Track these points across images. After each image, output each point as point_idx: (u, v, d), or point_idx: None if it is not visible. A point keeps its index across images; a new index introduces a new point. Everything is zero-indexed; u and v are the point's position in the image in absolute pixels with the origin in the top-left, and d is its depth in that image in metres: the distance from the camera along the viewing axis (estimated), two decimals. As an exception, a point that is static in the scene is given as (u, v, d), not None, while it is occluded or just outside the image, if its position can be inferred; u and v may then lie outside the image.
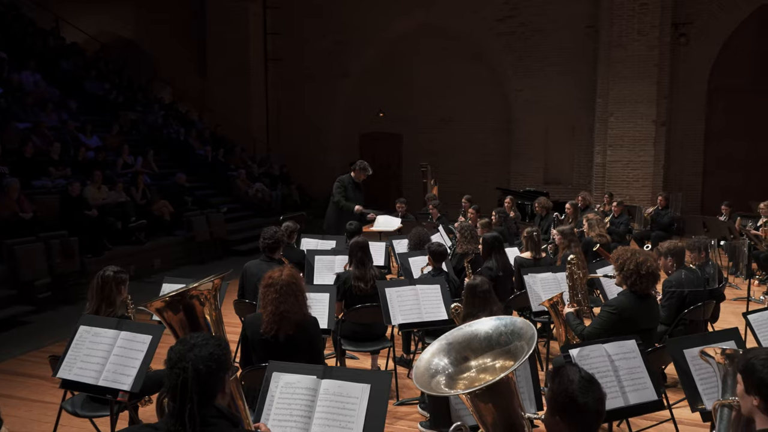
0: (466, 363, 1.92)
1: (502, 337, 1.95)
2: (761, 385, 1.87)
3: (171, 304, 2.03)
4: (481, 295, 3.49)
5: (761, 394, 1.87)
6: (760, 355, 1.91)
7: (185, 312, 2.05)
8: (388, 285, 4.30)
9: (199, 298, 2.12)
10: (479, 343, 1.98)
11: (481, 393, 1.82)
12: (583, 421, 1.79)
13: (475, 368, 1.93)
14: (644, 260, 3.57)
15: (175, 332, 2.09)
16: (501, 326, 1.99)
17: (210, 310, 2.13)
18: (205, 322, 2.12)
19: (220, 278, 2.37)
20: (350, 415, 2.36)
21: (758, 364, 1.88)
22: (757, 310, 3.75)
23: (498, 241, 5.02)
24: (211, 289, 2.21)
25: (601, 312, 3.67)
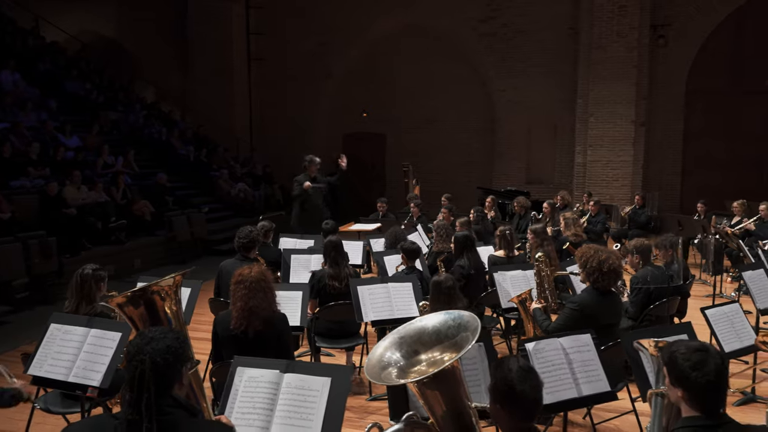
0: (416, 356, 2.00)
1: (450, 330, 2.03)
2: (681, 377, 1.96)
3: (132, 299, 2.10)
4: (446, 292, 3.58)
5: (682, 386, 1.97)
6: (681, 348, 2.00)
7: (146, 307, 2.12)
8: (360, 283, 4.38)
9: (160, 293, 2.19)
10: (429, 336, 2.06)
11: (429, 382, 1.90)
12: (521, 407, 1.88)
13: (425, 361, 2.01)
14: (606, 258, 3.68)
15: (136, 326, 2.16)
16: (449, 320, 2.07)
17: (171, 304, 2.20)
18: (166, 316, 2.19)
19: (181, 275, 2.44)
20: (311, 408, 2.43)
21: (680, 358, 1.98)
22: (715, 306, 3.88)
23: (469, 240, 5.11)
24: (171, 285, 2.28)
25: (565, 309, 3.78)
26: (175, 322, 2.23)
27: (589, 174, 13.30)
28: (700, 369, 1.93)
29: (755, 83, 12.95)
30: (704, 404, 1.95)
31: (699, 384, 1.92)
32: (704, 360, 1.94)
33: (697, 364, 1.94)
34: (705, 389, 1.93)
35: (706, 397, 1.94)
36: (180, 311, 2.33)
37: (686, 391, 1.97)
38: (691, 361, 1.95)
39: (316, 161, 7.69)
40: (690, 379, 1.94)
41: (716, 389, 1.94)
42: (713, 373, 1.92)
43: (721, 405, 1.97)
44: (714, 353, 1.98)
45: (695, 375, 1.93)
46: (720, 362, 1.96)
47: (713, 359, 1.95)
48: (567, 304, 3.77)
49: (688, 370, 1.95)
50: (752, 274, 4.52)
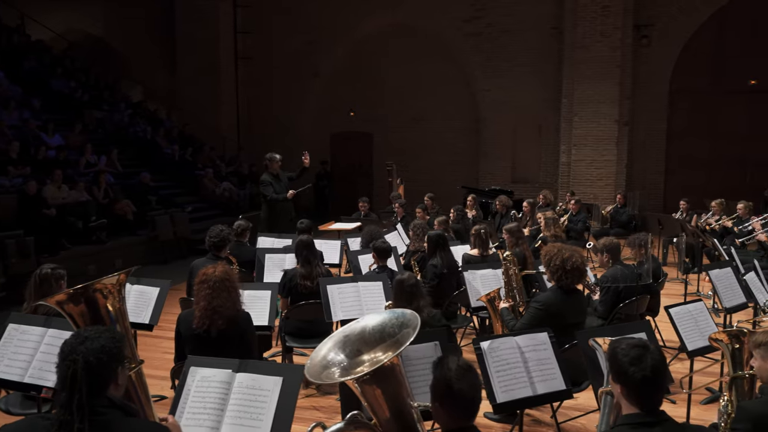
0: (359, 356, 2.01)
1: (393, 328, 2.05)
2: (620, 373, 1.99)
3: (73, 297, 2.10)
4: (408, 290, 3.60)
5: (620, 382, 1.99)
6: (622, 344, 2.03)
7: (87, 305, 2.12)
8: (329, 282, 4.39)
9: (102, 291, 2.19)
10: (371, 336, 2.07)
11: (369, 380, 1.91)
12: (459, 406, 1.90)
13: (367, 361, 2.02)
14: (569, 256, 3.70)
15: (76, 324, 2.16)
16: (393, 318, 2.09)
17: (114, 302, 2.20)
18: (108, 315, 2.19)
19: (125, 273, 2.44)
20: (261, 408, 2.44)
21: (619, 354, 2.00)
22: (679, 304, 3.91)
23: (442, 239, 5.13)
24: (115, 283, 2.28)
25: (530, 308, 3.80)
26: (119, 320, 2.23)
27: (573, 173, 13.38)
28: (637, 364, 1.95)
29: (738, 83, 13.06)
30: (641, 400, 1.97)
31: (635, 379, 1.95)
32: (642, 356, 1.97)
33: (635, 359, 1.96)
34: (641, 384, 1.95)
35: (642, 393, 1.97)
36: (124, 309, 2.33)
37: (624, 386, 1.99)
38: (629, 356, 1.98)
39: (276, 158, 7.75)
40: (627, 374, 1.97)
41: (652, 385, 1.96)
42: (649, 369, 1.95)
43: (658, 402, 2.00)
44: (653, 350, 2.00)
45: (632, 370, 1.96)
46: (658, 359, 1.98)
47: (651, 355, 1.98)
48: (531, 303, 3.80)
49: (626, 365, 1.97)
50: (719, 273, 4.56)
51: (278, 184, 7.77)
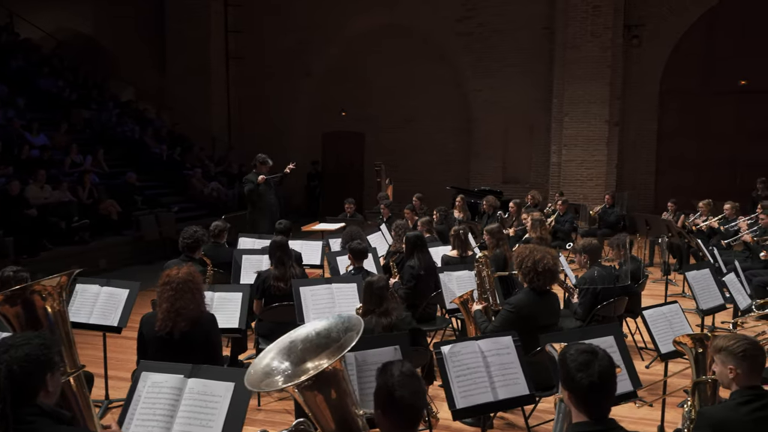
0: (304, 364, 1.96)
1: (338, 333, 2.00)
2: (567, 378, 1.94)
3: (10, 298, 2.04)
4: (377, 292, 3.55)
5: (568, 388, 1.95)
6: (571, 349, 1.98)
7: (23, 306, 2.06)
8: (302, 284, 4.33)
9: (41, 293, 2.13)
10: (317, 341, 2.01)
11: (310, 386, 1.86)
12: (400, 413, 1.85)
13: (312, 369, 1.96)
14: (541, 258, 3.65)
15: (12, 327, 2.10)
16: (339, 323, 2.03)
17: (53, 305, 2.14)
18: (47, 317, 2.13)
19: (66, 275, 2.38)
20: (212, 414, 2.39)
21: (568, 359, 1.95)
22: (653, 306, 3.87)
23: (420, 240, 5.08)
24: (56, 285, 2.22)
25: (502, 310, 3.75)
26: (59, 324, 2.17)
27: (563, 173, 13.34)
28: (584, 370, 1.91)
29: (728, 83, 13.03)
30: (588, 407, 1.93)
31: (582, 385, 1.90)
32: (589, 362, 1.92)
33: (582, 365, 1.92)
34: (587, 391, 1.91)
35: (589, 399, 1.92)
36: (64, 312, 2.27)
37: (571, 393, 1.95)
38: (576, 362, 1.93)
39: (268, 162, 7.68)
40: (574, 380, 1.92)
41: (599, 391, 1.92)
42: (597, 375, 1.90)
43: (606, 409, 1.95)
44: (602, 356, 1.96)
45: (579, 376, 1.91)
46: (607, 365, 1.94)
47: (599, 362, 1.93)
48: (504, 305, 3.75)
49: (573, 371, 1.93)
50: (696, 274, 4.52)
51: (263, 185, 7.74)
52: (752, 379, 2.32)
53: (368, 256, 4.91)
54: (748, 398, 2.29)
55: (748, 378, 2.31)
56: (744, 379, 2.31)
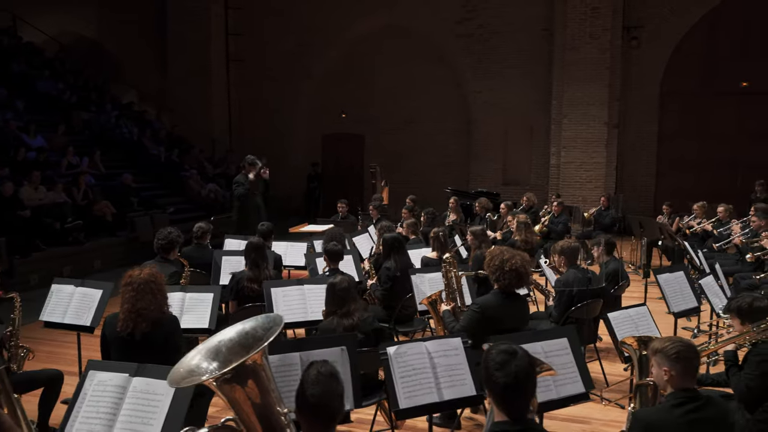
0: (230, 365, 1.97)
1: (263, 331, 2.01)
2: (486, 377, 1.96)
3: None
4: (339, 293, 3.56)
5: (487, 387, 1.96)
6: (493, 349, 1.98)
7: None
8: (274, 284, 4.35)
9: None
10: (243, 341, 2.02)
11: (230, 380, 1.87)
12: (310, 411, 1.88)
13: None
14: (509, 258, 3.65)
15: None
16: (265, 322, 2.05)
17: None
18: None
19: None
20: (153, 412, 2.41)
21: (489, 359, 1.96)
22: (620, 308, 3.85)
23: (397, 242, 5.09)
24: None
25: (467, 310, 3.75)
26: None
27: (562, 175, 13.29)
28: (501, 370, 1.91)
29: (729, 85, 12.92)
30: (506, 406, 1.93)
31: (498, 385, 1.91)
32: (507, 362, 1.92)
33: (499, 365, 1.93)
34: (503, 390, 1.91)
35: (505, 399, 1.93)
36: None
37: (490, 392, 1.95)
38: (494, 362, 1.94)
39: (257, 163, 7.73)
40: (491, 380, 1.93)
41: (515, 391, 1.92)
42: (512, 376, 1.90)
43: (523, 408, 1.95)
44: (521, 356, 1.96)
45: (496, 376, 1.92)
46: (524, 366, 1.94)
47: (517, 362, 1.93)
48: (470, 306, 3.75)
49: (491, 371, 1.94)
50: (668, 277, 4.48)
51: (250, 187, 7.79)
52: (686, 381, 2.31)
53: (344, 257, 4.92)
54: (681, 400, 2.28)
55: (682, 380, 2.31)
56: (678, 381, 2.30)
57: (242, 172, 7.95)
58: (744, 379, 3.00)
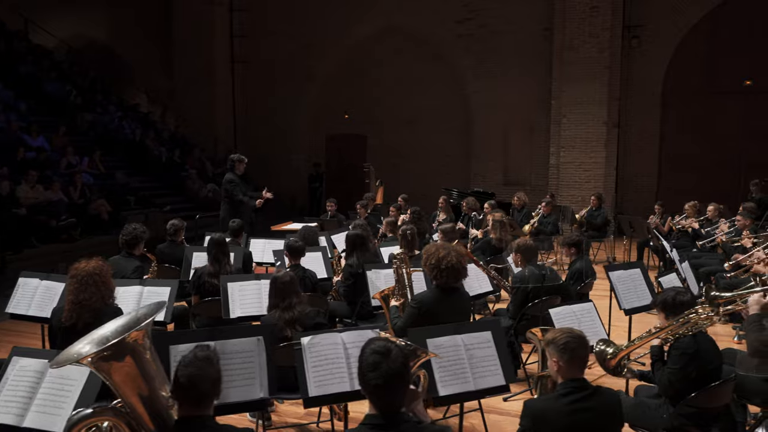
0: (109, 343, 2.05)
1: (145, 317, 2.10)
2: (359, 375, 2.06)
3: None
4: (281, 287, 3.65)
5: (360, 384, 2.06)
6: (368, 347, 2.03)
7: None
8: (231, 279, 4.45)
9: None
10: (132, 323, 2.12)
11: (110, 357, 1.95)
12: (178, 390, 1.98)
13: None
14: (445, 255, 3.69)
15: None
16: (153, 309, 2.13)
17: None
18: None
19: None
20: (65, 397, 2.52)
21: (363, 356, 2.02)
22: (562, 304, 3.87)
23: (360, 239, 5.16)
24: None
25: (408, 306, 3.81)
26: None
27: (562, 175, 13.22)
28: (374, 371, 1.96)
29: (732, 83, 12.74)
30: (377, 403, 1.99)
31: (370, 385, 1.97)
32: (378, 363, 1.97)
33: (371, 365, 1.98)
34: (374, 390, 1.97)
35: (377, 397, 1.98)
36: None
37: (363, 389, 2.01)
38: (368, 362, 1.99)
39: (244, 160, 7.86)
40: (364, 379, 1.99)
41: (385, 391, 1.97)
42: (383, 377, 1.95)
43: (394, 405, 1.99)
44: (394, 357, 1.99)
45: (368, 376, 1.97)
46: (397, 366, 1.98)
47: (388, 363, 1.97)
48: (409, 302, 3.81)
49: (364, 371, 1.99)
50: (622, 274, 4.48)
51: (244, 186, 7.91)
52: (573, 371, 2.35)
53: (305, 254, 5.00)
54: (568, 390, 2.32)
55: (570, 370, 2.34)
56: (566, 371, 2.34)
57: (231, 170, 8.03)
58: (666, 373, 3.02)
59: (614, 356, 3.18)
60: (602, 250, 10.40)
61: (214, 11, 15.54)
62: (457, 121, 15.03)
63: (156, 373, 2.06)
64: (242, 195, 7.82)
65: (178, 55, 15.79)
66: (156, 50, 16.33)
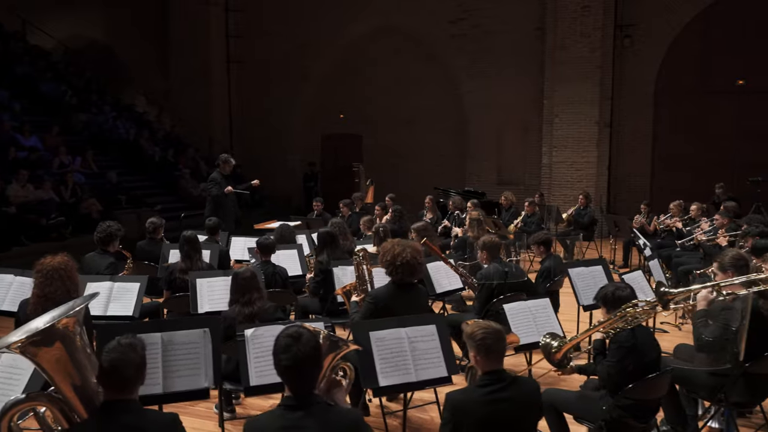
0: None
1: (79, 305, 2.20)
2: (273, 356, 2.13)
3: None
4: (241, 283, 3.74)
5: (274, 365, 2.16)
6: (284, 331, 2.14)
7: None
8: (200, 275, 4.55)
9: None
10: (66, 312, 2.21)
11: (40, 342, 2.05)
12: (101, 374, 2.07)
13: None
14: (400, 252, 3.77)
15: None
16: (86, 298, 2.23)
17: None
18: None
19: None
20: (14, 386, 2.62)
21: (277, 342, 2.15)
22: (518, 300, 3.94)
23: (330, 236, 5.26)
24: None
25: (364, 302, 3.89)
26: None
27: (554, 175, 13.27)
28: (285, 353, 2.06)
29: (725, 83, 12.75)
30: (289, 384, 2.08)
31: (280, 366, 2.06)
32: (289, 346, 2.07)
33: (283, 348, 2.07)
34: (284, 371, 2.06)
35: (286, 379, 2.07)
36: None
37: (276, 370, 2.10)
38: (280, 345, 2.08)
39: (231, 162, 7.96)
40: (275, 361, 2.08)
41: (294, 373, 2.06)
42: (291, 359, 2.05)
43: (304, 388, 2.09)
44: (305, 341, 2.08)
45: (280, 358, 2.06)
46: (307, 350, 2.07)
47: (299, 347, 2.07)
48: (366, 297, 3.89)
49: (277, 353, 2.08)
50: (582, 271, 4.55)
51: (226, 184, 8.02)
52: (491, 364, 2.43)
53: (275, 251, 5.10)
54: (486, 381, 2.41)
55: (487, 363, 2.43)
56: (484, 364, 2.43)
57: (216, 169, 8.17)
58: (605, 366, 3.09)
59: (559, 349, 3.26)
60: (591, 249, 10.44)
61: (209, 11, 15.67)
62: (451, 120, 15.09)
63: (87, 360, 2.16)
64: (218, 191, 7.97)
65: (174, 55, 15.94)
66: (153, 50, 16.48)
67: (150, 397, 2.71)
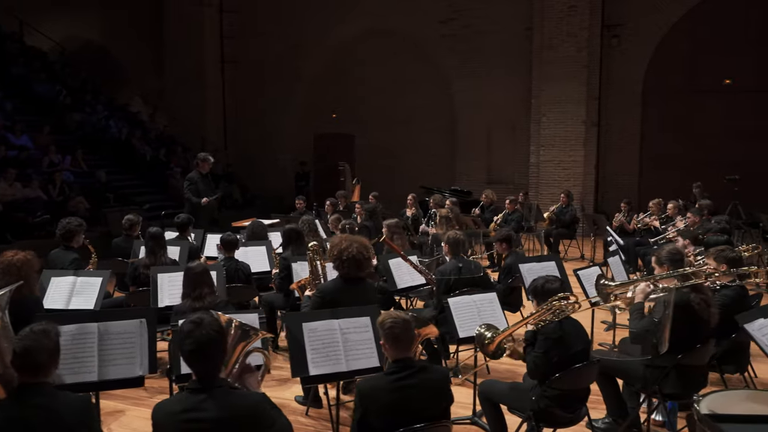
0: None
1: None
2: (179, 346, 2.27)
3: None
4: (193, 277, 3.86)
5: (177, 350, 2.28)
6: (187, 318, 2.26)
7: None
8: (161, 270, 4.67)
9: None
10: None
11: None
12: (16, 362, 2.19)
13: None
14: (346, 247, 3.88)
15: None
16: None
17: None
18: None
19: None
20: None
21: (181, 328, 2.26)
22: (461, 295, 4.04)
23: (295, 233, 5.37)
24: None
25: (312, 296, 4.00)
26: None
27: (541, 174, 13.34)
28: (188, 338, 2.17)
29: (712, 82, 12.78)
30: (192, 368, 2.19)
31: (183, 350, 2.17)
32: (191, 331, 2.18)
33: (186, 333, 2.18)
34: (189, 354, 2.17)
35: (191, 362, 2.18)
36: None
37: (180, 355, 2.21)
38: (183, 330, 2.19)
39: (210, 160, 8.09)
40: (180, 345, 2.19)
41: (196, 356, 2.17)
42: (193, 343, 2.16)
43: (206, 372, 2.19)
44: (206, 325, 2.20)
45: (184, 342, 2.17)
46: (209, 333, 2.18)
47: (201, 331, 2.18)
48: (315, 291, 4.00)
49: (182, 338, 2.19)
50: (533, 266, 4.64)
51: (203, 184, 8.15)
52: (399, 352, 2.53)
53: (239, 247, 5.21)
54: (393, 369, 2.51)
55: (396, 351, 2.53)
56: (393, 353, 2.53)
57: (195, 168, 8.30)
58: (532, 357, 3.19)
59: (492, 340, 3.35)
60: (573, 247, 10.53)
61: (204, 12, 15.82)
62: (442, 120, 15.18)
63: (9, 344, 2.27)
64: (192, 194, 8.10)
65: (169, 55, 16.10)
66: (148, 51, 16.65)
67: (84, 385, 2.83)
